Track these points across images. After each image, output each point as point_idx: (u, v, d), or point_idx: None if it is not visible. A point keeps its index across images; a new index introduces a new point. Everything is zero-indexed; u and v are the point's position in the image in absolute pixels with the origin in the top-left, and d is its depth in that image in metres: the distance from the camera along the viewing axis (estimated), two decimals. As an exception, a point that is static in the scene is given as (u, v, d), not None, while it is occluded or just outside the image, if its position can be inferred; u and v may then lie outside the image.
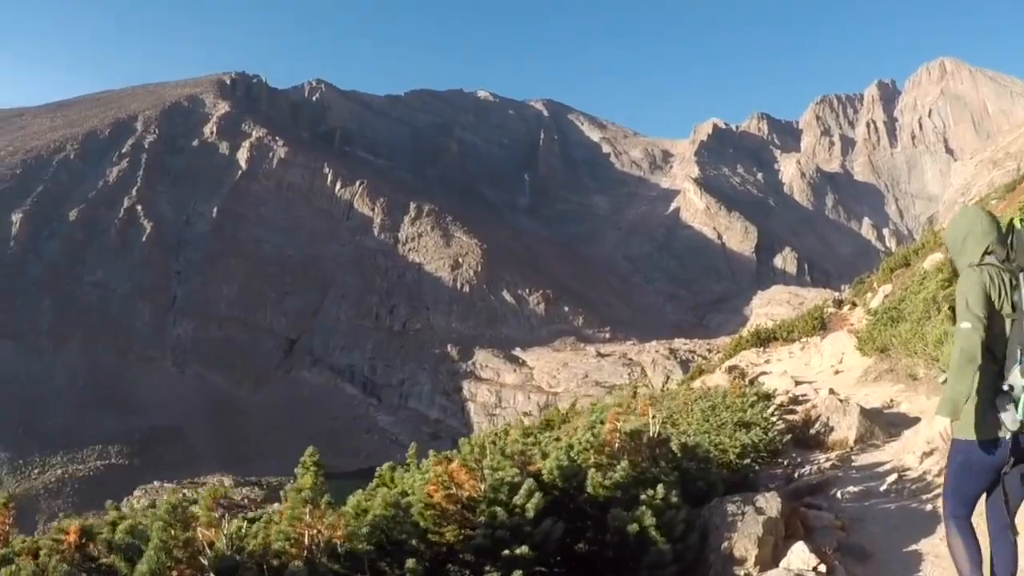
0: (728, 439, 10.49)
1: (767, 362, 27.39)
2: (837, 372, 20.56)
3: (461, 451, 7.94)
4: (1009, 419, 4.70)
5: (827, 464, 11.37)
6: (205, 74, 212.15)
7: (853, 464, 11.23)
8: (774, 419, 13.71)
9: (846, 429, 12.72)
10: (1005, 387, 4.76)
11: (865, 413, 12.96)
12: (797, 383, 19.53)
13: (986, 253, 5.02)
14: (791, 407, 16.03)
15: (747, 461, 10.16)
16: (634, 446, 6.94)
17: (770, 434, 11.95)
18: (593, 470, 6.39)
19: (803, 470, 11.42)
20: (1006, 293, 4.87)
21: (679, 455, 7.40)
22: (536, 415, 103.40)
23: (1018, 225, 5.02)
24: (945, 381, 4.96)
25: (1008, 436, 4.74)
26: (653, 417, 7.59)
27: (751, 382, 19.74)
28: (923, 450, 10.02)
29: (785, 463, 12.11)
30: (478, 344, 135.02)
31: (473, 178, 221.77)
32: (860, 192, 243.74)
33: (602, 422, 8.48)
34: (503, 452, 6.73)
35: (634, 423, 7.31)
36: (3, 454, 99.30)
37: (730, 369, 23.48)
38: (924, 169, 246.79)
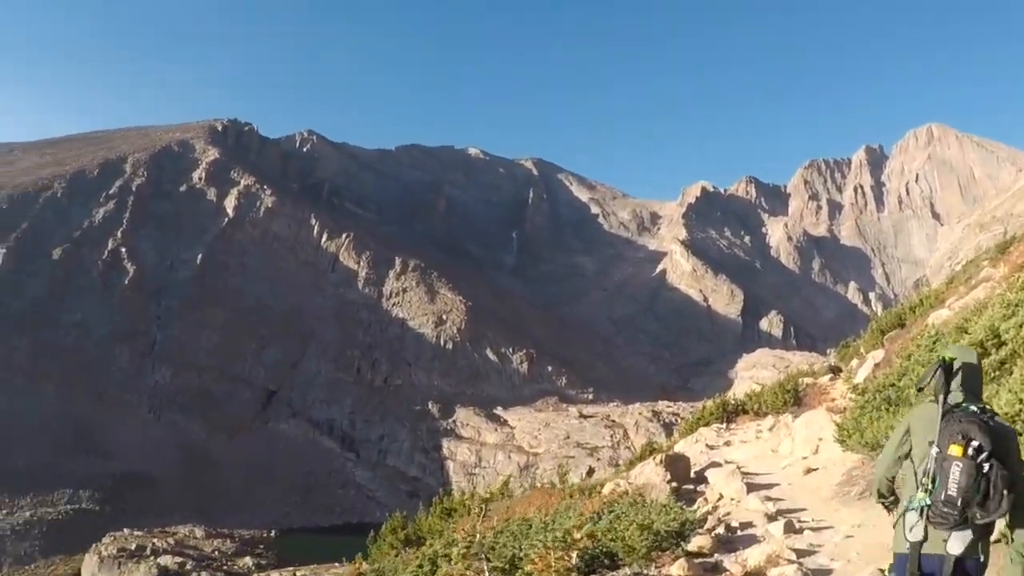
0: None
1: (727, 444, 24.10)
2: (809, 471, 16.39)
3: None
4: (909, 530, 5.28)
5: None
6: (197, 120, 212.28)
7: None
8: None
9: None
10: (907, 503, 5.37)
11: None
12: (748, 488, 15.42)
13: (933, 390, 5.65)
14: (711, 558, 11.08)
15: None
16: None
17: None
18: None
19: None
20: (931, 425, 5.42)
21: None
22: (516, 476, 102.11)
23: (946, 361, 5.64)
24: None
25: (906, 548, 5.28)
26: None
27: (685, 481, 17.12)
28: None
29: None
30: (459, 402, 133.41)
31: (460, 235, 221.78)
32: (847, 256, 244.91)
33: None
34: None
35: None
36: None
37: (668, 460, 18.19)
38: (911, 233, 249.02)
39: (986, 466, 5.07)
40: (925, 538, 5.20)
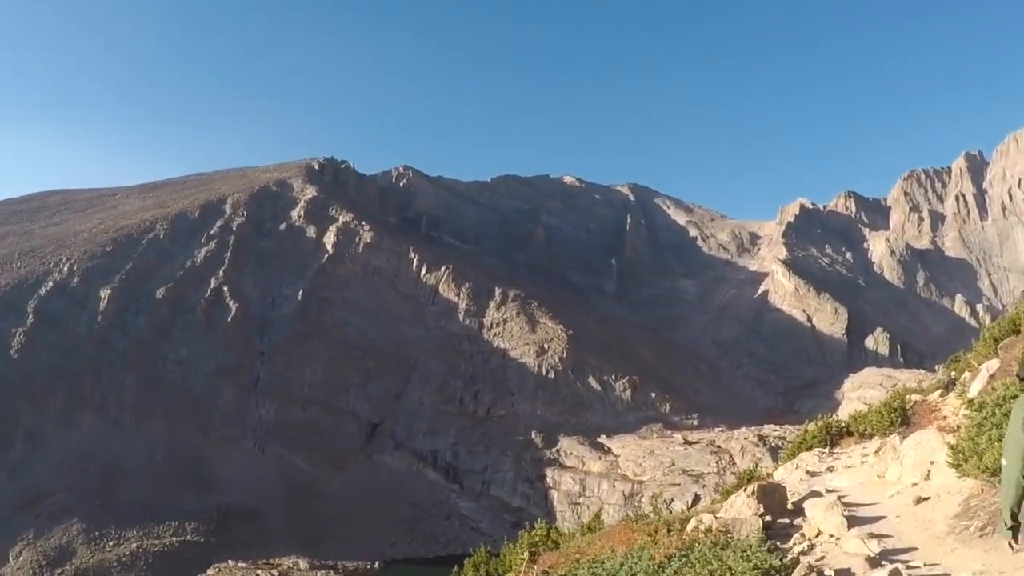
0: None
1: (830, 470, 22.10)
2: (920, 500, 14.45)
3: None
4: None
5: None
6: (293, 159, 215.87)
7: None
8: None
9: None
10: None
11: None
12: (850, 522, 13.56)
13: None
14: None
15: None
16: None
17: None
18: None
19: None
20: None
21: None
22: (622, 505, 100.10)
23: None
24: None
25: None
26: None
27: (781, 514, 15.35)
28: None
29: None
30: (562, 431, 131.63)
31: (559, 263, 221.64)
32: (951, 268, 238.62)
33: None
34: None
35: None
36: (80, 525, 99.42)
37: (761, 491, 16.29)
38: (1017, 241, 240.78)
39: None
40: None
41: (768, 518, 15.06)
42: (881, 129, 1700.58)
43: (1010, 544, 5.52)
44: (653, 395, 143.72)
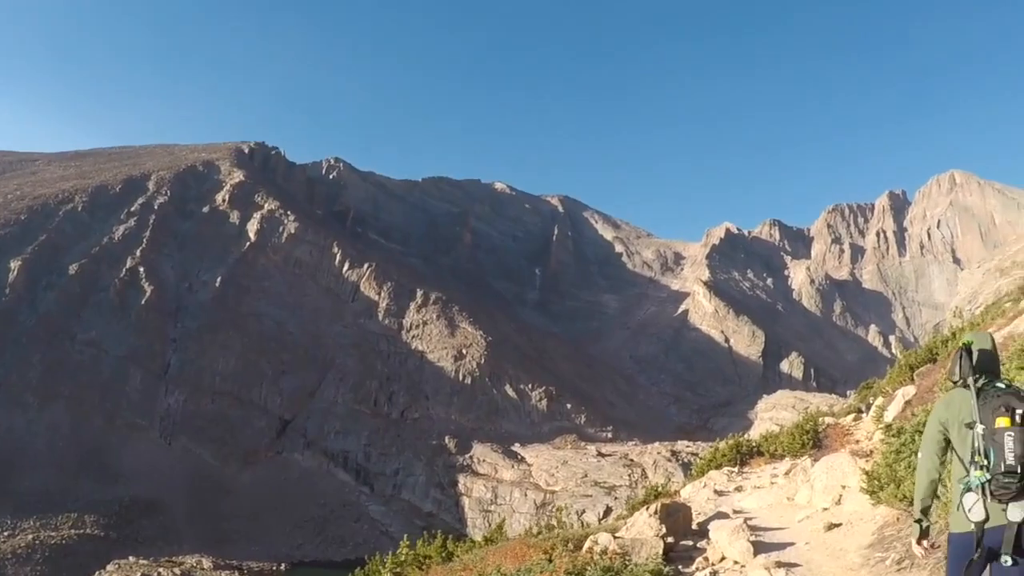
0: None
1: (739, 489, 22.08)
2: (831, 527, 13.91)
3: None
4: (970, 510, 5.47)
5: None
6: (223, 141, 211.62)
7: None
8: None
9: None
10: (963, 486, 5.57)
11: None
12: (757, 548, 13.05)
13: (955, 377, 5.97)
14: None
15: None
16: None
17: None
18: None
19: None
20: (966, 408, 5.71)
21: None
22: (533, 514, 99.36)
23: (964, 347, 5.99)
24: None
25: (972, 528, 5.43)
26: None
27: (685, 535, 14.90)
28: None
29: None
30: (477, 437, 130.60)
31: (484, 269, 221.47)
32: (868, 300, 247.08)
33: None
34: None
35: None
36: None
37: (664, 511, 15.43)
38: (932, 278, 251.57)
39: None
40: (987, 516, 5.35)
41: (671, 539, 14.64)
42: (810, 163, 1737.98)
43: (919, 543, 5.93)
44: (569, 406, 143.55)
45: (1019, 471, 5.18)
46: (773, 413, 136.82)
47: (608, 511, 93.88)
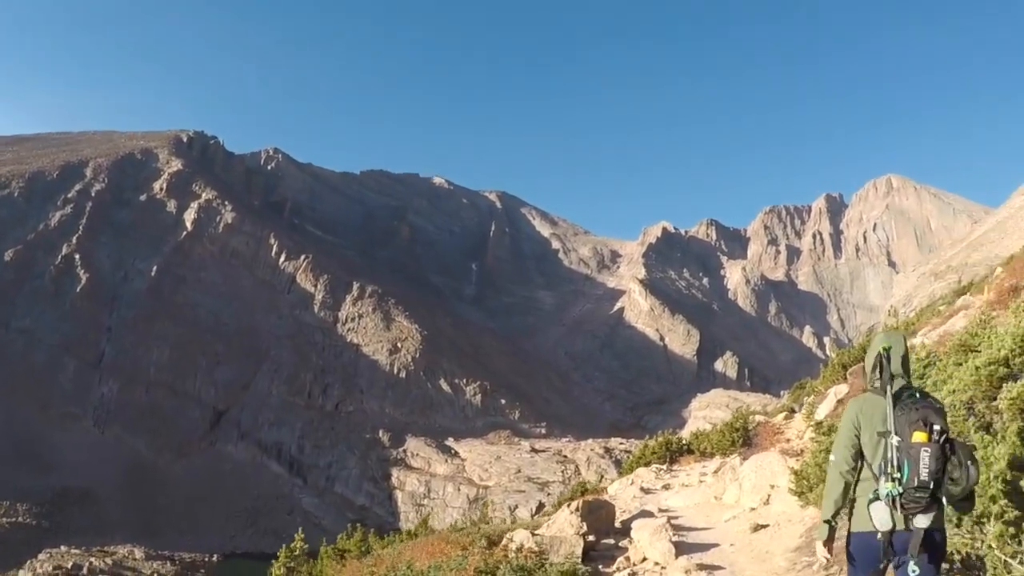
0: None
1: (666, 487, 21.67)
2: (757, 528, 13.69)
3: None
4: (878, 520, 5.53)
5: None
6: (162, 129, 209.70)
7: None
8: None
9: None
10: (872, 495, 5.60)
11: None
12: (679, 548, 12.71)
13: (872, 381, 6.02)
14: None
15: None
16: None
17: None
18: None
19: None
20: (879, 416, 5.76)
21: None
22: (466, 509, 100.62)
23: (883, 351, 5.98)
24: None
25: (880, 535, 5.54)
26: None
27: (607, 534, 14.42)
28: None
29: None
30: (411, 431, 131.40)
31: (421, 263, 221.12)
32: (803, 301, 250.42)
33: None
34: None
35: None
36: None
37: (586, 508, 14.96)
38: (867, 280, 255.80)
39: (949, 446, 5.41)
40: (895, 526, 5.50)
41: (592, 538, 14.10)
42: (748, 164, 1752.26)
43: (825, 544, 6.05)
44: (503, 402, 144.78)
45: (931, 487, 5.29)
46: (707, 412, 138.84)
47: (541, 507, 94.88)
